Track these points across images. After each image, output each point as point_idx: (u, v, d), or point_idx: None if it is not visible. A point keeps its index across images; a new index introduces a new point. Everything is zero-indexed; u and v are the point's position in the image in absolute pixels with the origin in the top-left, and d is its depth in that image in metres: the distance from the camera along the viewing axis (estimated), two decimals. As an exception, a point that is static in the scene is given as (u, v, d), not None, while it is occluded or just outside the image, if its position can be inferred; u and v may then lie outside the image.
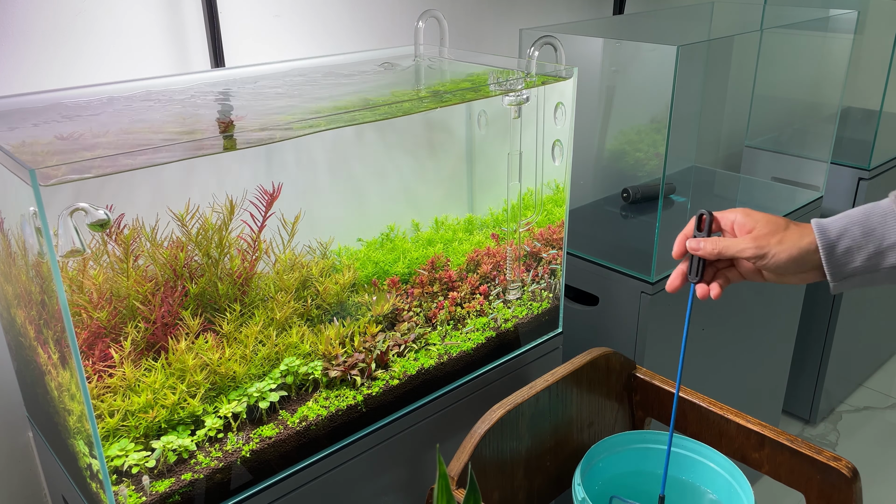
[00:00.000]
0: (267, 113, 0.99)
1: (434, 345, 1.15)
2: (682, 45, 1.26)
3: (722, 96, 2.00)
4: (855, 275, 0.75)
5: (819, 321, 2.07)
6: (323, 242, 1.14)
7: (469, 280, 1.24)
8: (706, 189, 1.90)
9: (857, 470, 0.91)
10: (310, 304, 1.06)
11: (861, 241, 0.74)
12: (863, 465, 1.11)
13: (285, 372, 0.99)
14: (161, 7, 1.17)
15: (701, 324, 1.56)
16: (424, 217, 1.34)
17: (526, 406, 1.01)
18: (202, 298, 0.97)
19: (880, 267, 0.74)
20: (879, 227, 0.73)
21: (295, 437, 0.96)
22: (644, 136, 1.56)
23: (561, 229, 1.27)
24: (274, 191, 1.01)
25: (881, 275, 0.74)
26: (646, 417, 1.15)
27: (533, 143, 1.25)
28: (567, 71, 1.15)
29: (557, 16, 1.84)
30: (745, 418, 1.00)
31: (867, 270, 0.74)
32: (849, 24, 1.80)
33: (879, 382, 2.43)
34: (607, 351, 1.09)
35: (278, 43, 1.33)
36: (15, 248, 0.86)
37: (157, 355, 0.91)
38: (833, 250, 0.74)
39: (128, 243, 0.91)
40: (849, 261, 0.74)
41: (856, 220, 0.74)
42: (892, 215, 0.73)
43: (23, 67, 1.06)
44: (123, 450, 0.85)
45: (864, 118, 2.07)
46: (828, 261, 0.75)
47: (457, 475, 0.91)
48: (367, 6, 1.43)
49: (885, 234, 0.73)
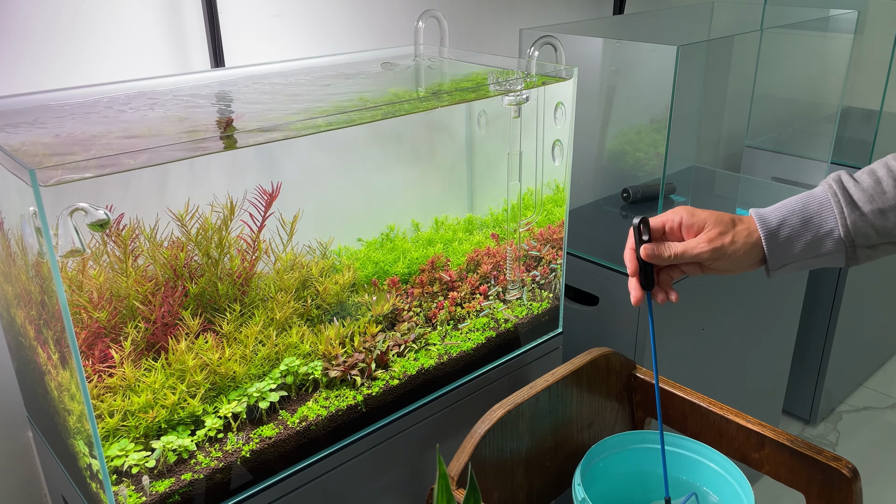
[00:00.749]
0: (267, 113, 0.99)
1: (434, 345, 1.15)
2: (682, 45, 1.26)
3: (722, 96, 2.00)
4: (794, 261, 0.78)
5: (819, 321, 2.07)
6: (323, 242, 1.14)
7: (469, 280, 1.24)
8: (706, 189, 1.91)
9: (857, 470, 0.91)
10: (310, 304, 1.06)
11: (800, 230, 0.77)
12: (863, 465, 1.11)
13: (285, 372, 0.99)
14: (161, 7, 1.17)
15: (701, 324, 1.56)
16: (424, 217, 1.34)
17: (526, 406, 1.01)
18: (202, 298, 0.97)
19: (818, 253, 0.78)
20: (816, 215, 0.77)
21: (295, 437, 0.96)
22: (644, 136, 1.56)
23: (561, 229, 1.27)
24: (273, 191, 1.01)
25: (819, 260, 0.78)
26: (646, 417, 1.15)
27: (533, 142, 1.25)
28: (567, 71, 1.15)
29: (557, 16, 1.84)
30: (745, 418, 1.00)
31: (806, 256, 0.78)
32: (849, 24, 1.80)
33: (879, 382, 2.43)
34: (607, 351, 1.09)
35: (278, 43, 1.33)
36: (15, 248, 0.86)
37: (157, 355, 0.91)
38: (775, 239, 0.78)
39: (126, 242, 0.91)
40: (789, 249, 0.78)
41: (794, 210, 0.78)
42: (827, 204, 0.77)
43: (23, 67, 1.06)
44: (123, 450, 0.85)
45: (864, 118, 2.07)
46: (770, 250, 0.78)
47: (457, 475, 0.91)
48: (367, 6, 1.43)
49: (822, 223, 0.76)
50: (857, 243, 0.76)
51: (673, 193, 1.66)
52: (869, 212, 0.75)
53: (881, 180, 0.76)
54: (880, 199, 0.75)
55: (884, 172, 0.76)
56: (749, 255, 0.79)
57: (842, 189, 0.77)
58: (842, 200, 0.76)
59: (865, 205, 0.75)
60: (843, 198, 0.76)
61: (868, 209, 0.75)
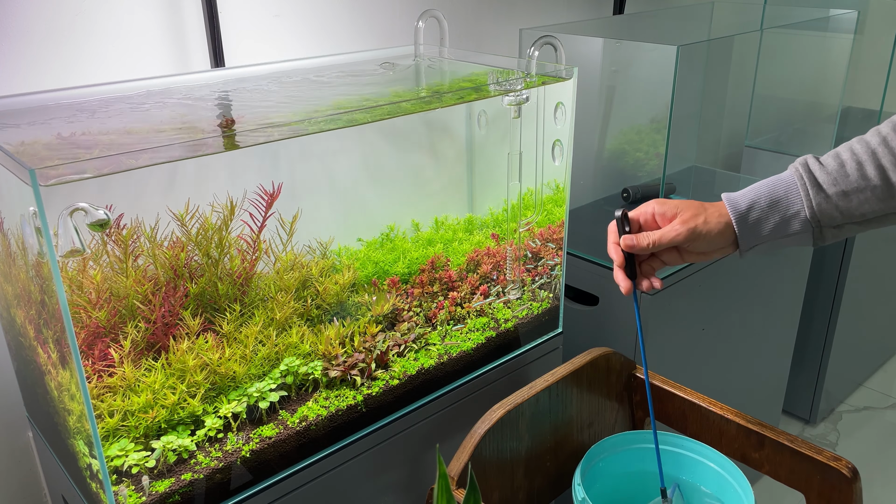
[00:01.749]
0: (267, 113, 0.99)
1: (434, 345, 1.15)
2: (682, 45, 1.26)
3: (722, 96, 2.00)
4: (763, 242, 0.82)
5: (819, 321, 2.07)
6: (323, 242, 1.14)
7: (469, 280, 1.24)
8: (706, 189, 1.90)
9: (857, 470, 0.91)
10: (310, 304, 1.06)
11: (768, 212, 0.81)
12: (863, 465, 1.11)
13: (285, 372, 0.99)
14: (161, 7, 1.17)
15: (701, 324, 1.56)
16: (424, 217, 1.34)
17: (526, 406, 1.01)
18: (202, 298, 0.97)
19: (786, 233, 0.81)
20: (784, 198, 0.80)
21: (295, 437, 0.96)
22: (644, 136, 1.56)
23: (561, 229, 1.27)
24: (274, 191, 1.01)
25: (788, 240, 0.82)
26: (646, 417, 1.15)
27: (533, 143, 1.25)
28: (567, 71, 1.15)
29: (557, 16, 1.84)
30: (745, 418, 1.00)
31: (775, 237, 0.82)
32: (849, 24, 1.80)
33: (879, 382, 2.43)
34: (607, 351, 1.09)
35: (278, 43, 1.33)
36: (15, 248, 0.86)
37: (157, 355, 0.91)
38: (745, 221, 0.81)
39: (126, 242, 0.91)
40: (759, 230, 0.81)
41: (762, 193, 0.82)
42: (793, 186, 0.80)
43: (23, 67, 1.07)
44: (123, 450, 0.85)
45: (864, 118, 2.06)
46: (740, 231, 0.82)
47: (457, 475, 0.91)
48: (367, 6, 1.43)
49: (789, 205, 0.80)
50: (823, 224, 0.80)
51: (673, 193, 1.66)
52: (833, 194, 0.78)
53: (845, 163, 0.79)
54: (843, 182, 0.78)
55: (848, 156, 0.79)
56: (723, 235, 0.82)
57: (807, 172, 0.80)
58: (807, 183, 0.79)
59: (830, 187, 0.78)
60: (808, 180, 0.79)
61: (832, 191, 0.78)
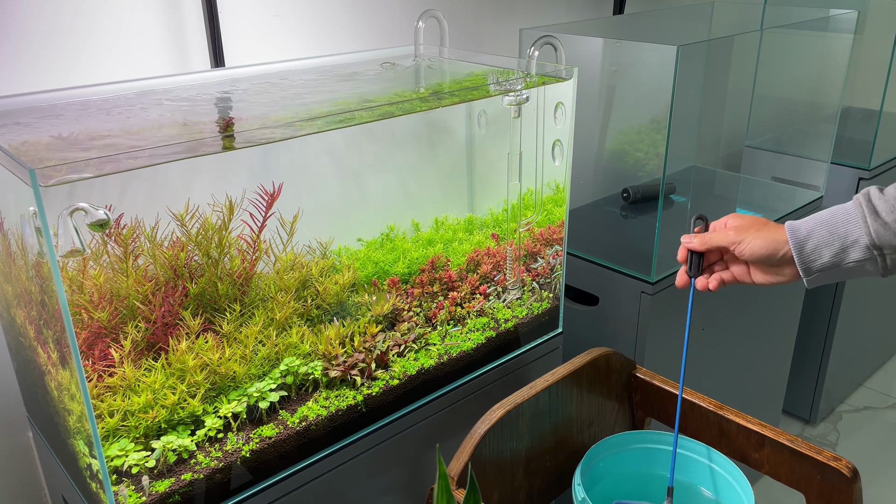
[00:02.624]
0: (267, 113, 0.99)
1: (434, 345, 1.15)
2: (682, 45, 1.26)
3: (722, 96, 2.00)
4: (824, 269, 0.84)
5: (819, 321, 2.07)
6: (323, 242, 1.14)
7: (469, 280, 1.24)
8: (706, 189, 1.90)
9: (857, 470, 0.91)
10: (310, 304, 1.06)
11: (827, 240, 0.83)
12: (863, 465, 1.11)
13: (285, 372, 0.99)
14: (161, 7, 1.17)
15: (701, 324, 1.56)
16: (424, 217, 1.34)
17: (526, 406, 1.01)
18: (202, 298, 0.97)
19: (845, 262, 0.82)
20: (842, 227, 0.82)
21: (295, 437, 0.96)
22: (644, 136, 1.56)
23: (561, 229, 1.27)
24: (274, 191, 1.01)
25: (847, 269, 0.83)
26: (646, 417, 1.15)
27: (533, 143, 1.25)
28: (567, 71, 1.15)
29: (557, 16, 1.84)
30: (745, 418, 1.00)
31: (834, 265, 0.83)
32: (849, 24, 1.80)
33: (879, 382, 2.43)
34: (607, 351, 1.09)
35: (278, 43, 1.33)
36: (15, 248, 0.86)
37: (157, 355, 0.91)
38: (803, 248, 0.83)
39: (127, 242, 0.91)
40: (817, 257, 0.83)
41: (822, 221, 0.84)
42: (853, 216, 0.82)
43: (23, 67, 1.06)
44: (123, 450, 0.85)
45: (864, 118, 2.06)
46: (798, 257, 0.84)
47: (457, 475, 0.91)
48: (367, 6, 1.43)
49: (847, 233, 0.81)
50: (886, 252, 0.80)
51: (673, 193, 1.66)
52: (892, 221, 0.79)
53: None
54: None
55: None
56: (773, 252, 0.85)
57: (867, 201, 0.82)
58: (866, 211, 0.81)
59: (888, 214, 0.79)
60: (867, 208, 0.81)
61: (890, 219, 0.79)
